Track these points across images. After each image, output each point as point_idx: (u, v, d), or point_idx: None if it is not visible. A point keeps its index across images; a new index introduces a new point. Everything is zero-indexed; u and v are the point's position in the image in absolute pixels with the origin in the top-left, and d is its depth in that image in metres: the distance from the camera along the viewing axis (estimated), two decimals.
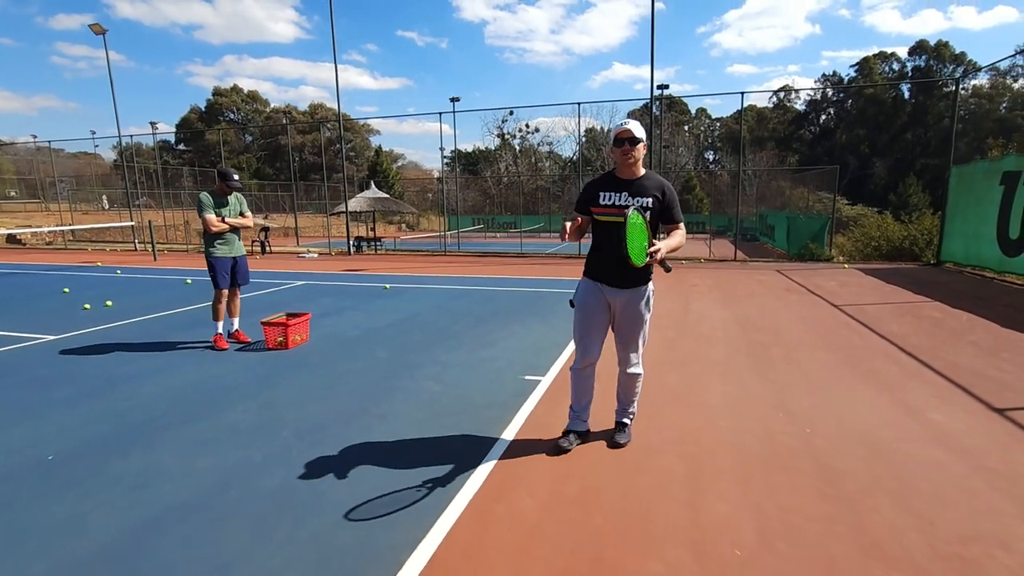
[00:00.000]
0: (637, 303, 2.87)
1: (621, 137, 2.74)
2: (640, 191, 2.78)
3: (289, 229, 25.24)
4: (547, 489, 2.66)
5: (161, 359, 4.88)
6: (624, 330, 2.94)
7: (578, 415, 3.14)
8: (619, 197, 2.78)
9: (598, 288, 2.90)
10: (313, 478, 2.77)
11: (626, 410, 3.18)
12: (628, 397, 3.14)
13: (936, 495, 2.54)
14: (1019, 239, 8.26)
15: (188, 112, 57.90)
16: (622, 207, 2.73)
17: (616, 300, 2.88)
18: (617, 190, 2.79)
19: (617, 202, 2.77)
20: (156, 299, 7.98)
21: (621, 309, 2.89)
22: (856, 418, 3.43)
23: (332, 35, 15.09)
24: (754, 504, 2.50)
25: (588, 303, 2.94)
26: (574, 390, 3.12)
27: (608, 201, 2.79)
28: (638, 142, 2.73)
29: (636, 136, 2.72)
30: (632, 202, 2.73)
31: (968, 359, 4.64)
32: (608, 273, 2.86)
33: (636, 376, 3.06)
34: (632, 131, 2.72)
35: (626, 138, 2.73)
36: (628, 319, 2.90)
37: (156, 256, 14.76)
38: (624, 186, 2.80)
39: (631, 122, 2.77)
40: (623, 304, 2.87)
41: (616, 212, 2.75)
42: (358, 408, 3.69)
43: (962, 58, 50.84)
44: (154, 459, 2.98)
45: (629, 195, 2.76)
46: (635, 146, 2.73)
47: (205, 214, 5.08)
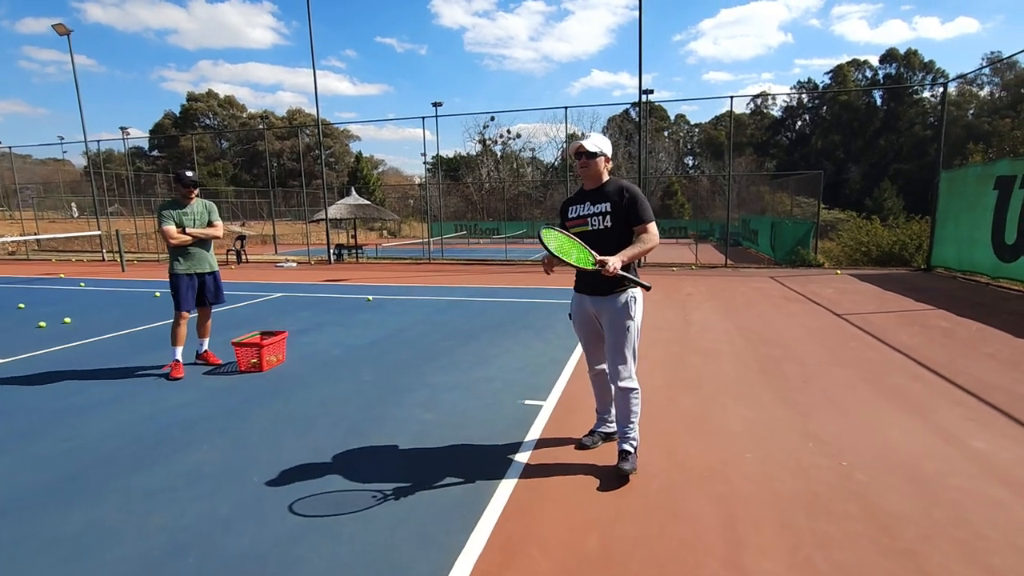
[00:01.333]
0: (615, 310, 2.81)
1: (579, 152, 2.84)
2: (600, 197, 2.84)
3: (267, 237, 24.52)
4: (563, 546, 2.28)
5: (117, 387, 4.38)
6: (608, 339, 2.87)
7: (602, 417, 3.22)
8: (582, 207, 2.88)
9: (582, 299, 2.96)
10: (288, 537, 2.34)
11: (626, 435, 2.89)
12: (625, 417, 2.88)
13: (1011, 546, 2.22)
14: (1015, 244, 8.15)
15: (162, 118, 56.55)
16: (584, 216, 2.85)
17: (597, 309, 2.89)
18: (581, 201, 2.91)
19: (580, 212, 2.88)
20: (120, 315, 7.42)
21: (602, 318, 2.88)
22: (893, 447, 3.12)
23: (311, 40, 14.56)
24: (804, 561, 2.15)
25: (578, 315, 3.02)
26: (595, 393, 3.22)
27: (575, 214, 2.92)
28: (593, 156, 2.81)
29: (589, 151, 2.80)
30: (592, 209, 2.82)
31: (991, 374, 4.39)
32: (585, 282, 2.91)
33: (628, 392, 2.84)
34: (586, 145, 2.80)
35: (582, 152, 2.82)
36: (609, 328, 2.85)
37: (124, 267, 14.04)
38: (587, 197, 2.90)
39: (588, 137, 2.86)
40: (603, 312, 2.86)
41: (581, 222, 2.86)
42: (341, 444, 3.27)
43: (931, 66, 52.21)
44: (99, 516, 2.53)
45: (590, 203, 2.85)
46: (592, 159, 2.81)
47: (164, 226, 4.55)
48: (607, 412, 3.19)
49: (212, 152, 53.66)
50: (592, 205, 2.84)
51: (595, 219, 2.81)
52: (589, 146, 2.81)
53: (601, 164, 2.84)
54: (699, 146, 58.96)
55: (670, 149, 50.36)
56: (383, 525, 2.43)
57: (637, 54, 12.27)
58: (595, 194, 2.87)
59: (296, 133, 44.86)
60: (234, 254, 16.09)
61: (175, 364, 4.63)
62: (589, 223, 2.83)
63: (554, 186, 38.70)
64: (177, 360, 4.65)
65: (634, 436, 2.90)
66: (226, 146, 56.18)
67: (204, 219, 4.78)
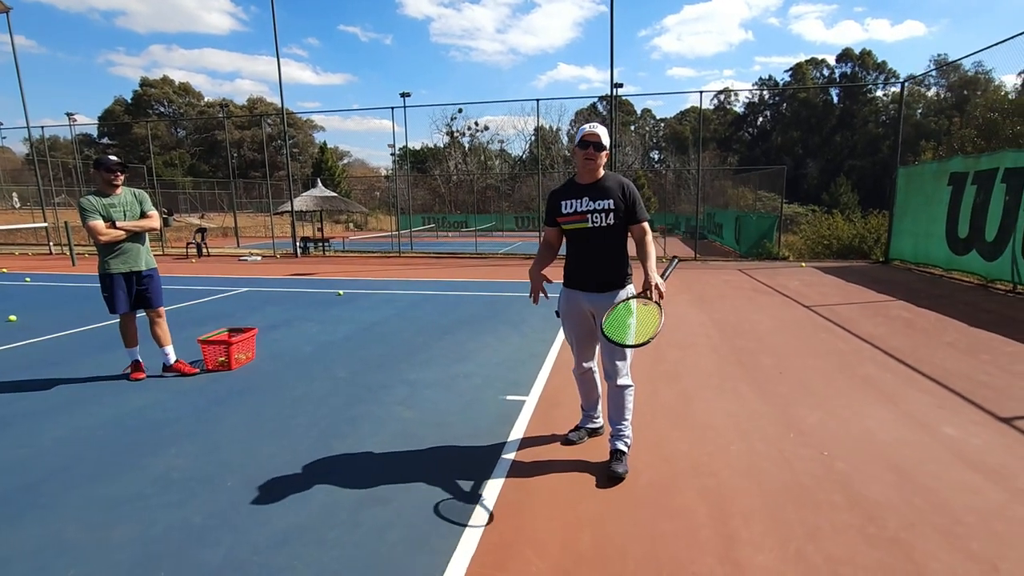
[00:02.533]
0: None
1: (587, 140, 2.66)
2: (600, 193, 2.71)
3: (228, 229, 23.67)
4: (557, 545, 2.23)
5: (73, 389, 4.12)
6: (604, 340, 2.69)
7: (588, 414, 3.17)
8: (580, 203, 2.72)
9: (576, 296, 2.83)
10: (268, 546, 2.22)
11: (620, 433, 2.85)
12: (619, 415, 2.83)
13: (987, 531, 2.29)
14: (967, 238, 8.53)
15: (112, 104, 53.81)
16: (584, 212, 2.71)
17: (594, 307, 2.78)
18: (578, 196, 2.74)
19: (579, 208, 2.72)
20: (72, 312, 7.00)
21: (599, 315, 2.70)
22: (870, 436, 3.20)
23: (274, 26, 14.00)
24: (797, 553, 2.16)
25: (569, 313, 2.89)
26: (580, 390, 3.13)
27: (570, 209, 2.74)
28: (603, 149, 2.68)
29: (602, 143, 2.66)
30: (593, 205, 2.68)
31: (953, 363, 4.56)
32: (581, 279, 2.81)
33: (624, 388, 2.79)
34: (600, 136, 2.65)
35: (592, 142, 2.66)
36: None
37: (75, 260, 13.30)
38: (584, 191, 2.73)
39: (599, 128, 2.68)
40: (600, 310, 2.70)
41: (579, 219, 2.72)
42: (319, 444, 3.14)
43: (883, 67, 54.31)
44: (55, 531, 2.34)
45: (590, 199, 2.70)
46: (599, 152, 2.68)
47: (89, 221, 3.96)
48: (593, 410, 3.15)
49: (168, 141, 51.41)
50: (592, 201, 2.70)
51: (597, 216, 2.69)
52: (604, 137, 2.66)
53: (603, 159, 2.73)
54: (664, 140, 59.89)
55: (636, 143, 50.98)
56: (370, 529, 2.33)
57: (603, 48, 12.34)
58: (594, 189, 2.72)
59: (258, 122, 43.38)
60: (194, 247, 15.47)
61: (134, 365, 4.36)
62: (589, 220, 2.69)
63: (522, 179, 38.66)
64: (136, 361, 4.37)
65: (628, 434, 2.86)
66: (183, 135, 53.93)
67: (135, 210, 4.19)
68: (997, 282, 8.11)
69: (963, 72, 41.14)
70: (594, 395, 3.11)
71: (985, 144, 17.37)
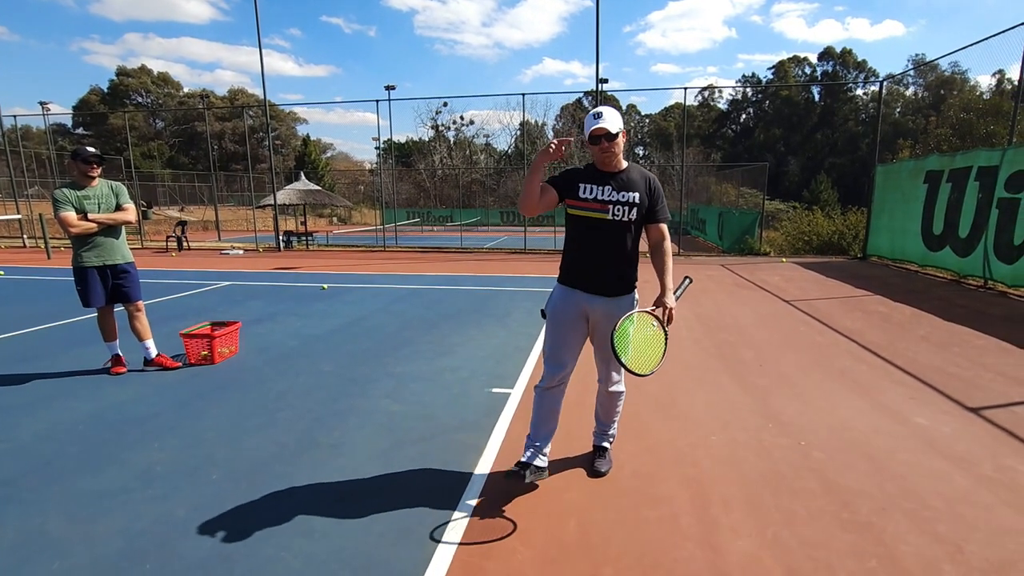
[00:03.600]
0: (620, 314, 2.41)
1: (596, 135, 2.35)
2: (626, 185, 2.43)
3: (208, 223, 23.32)
4: (542, 534, 2.27)
5: (51, 384, 4.05)
6: (604, 344, 2.49)
7: (539, 448, 2.59)
8: (602, 191, 2.41)
9: (574, 296, 2.51)
10: (255, 537, 2.23)
11: (606, 432, 2.83)
12: (609, 417, 2.79)
13: (953, 515, 2.38)
14: (942, 235, 8.76)
15: (88, 93, 52.50)
16: (605, 202, 2.40)
17: (595, 310, 2.50)
18: (600, 183, 2.42)
19: (600, 196, 2.41)
20: (47, 306, 6.86)
21: (601, 320, 2.49)
22: (846, 426, 3.29)
23: (256, 15, 13.77)
24: (774, 538, 2.23)
25: (562, 313, 2.54)
26: (537, 414, 2.62)
27: (589, 195, 2.42)
28: (615, 137, 2.36)
29: (612, 132, 2.34)
30: (617, 196, 2.40)
31: (926, 355, 4.70)
32: (586, 278, 2.49)
33: (618, 395, 2.71)
34: (607, 128, 2.33)
35: (601, 135, 2.35)
36: (608, 331, 2.42)
37: (50, 253, 13.01)
38: (607, 179, 2.44)
39: (604, 115, 2.35)
40: (603, 314, 2.48)
41: (598, 207, 2.41)
42: (305, 438, 3.14)
43: (863, 65, 55.23)
44: (37, 525, 2.33)
45: (614, 189, 2.42)
46: (613, 141, 2.37)
47: (61, 212, 3.89)
48: (546, 442, 2.64)
49: (146, 132, 50.33)
50: (616, 191, 2.41)
51: (619, 209, 2.40)
52: (611, 126, 2.33)
53: (622, 144, 2.42)
54: (649, 136, 60.26)
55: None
56: (357, 520, 2.35)
57: (588, 43, 12.35)
58: (619, 179, 2.44)
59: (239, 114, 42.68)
60: (175, 241, 15.22)
61: (114, 359, 4.31)
62: (611, 211, 2.40)
63: (507, 174, 38.62)
64: (117, 355, 4.32)
65: (614, 432, 2.86)
66: (162, 126, 52.84)
67: (111, 203, 4.10)
68: (969, 278, 8.35)
69: (940, 72, 42.04)
70: (553, 422, 2.64)
71: (960, 143, 17.80)
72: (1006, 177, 7.41)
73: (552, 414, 2.63)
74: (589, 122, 2.36)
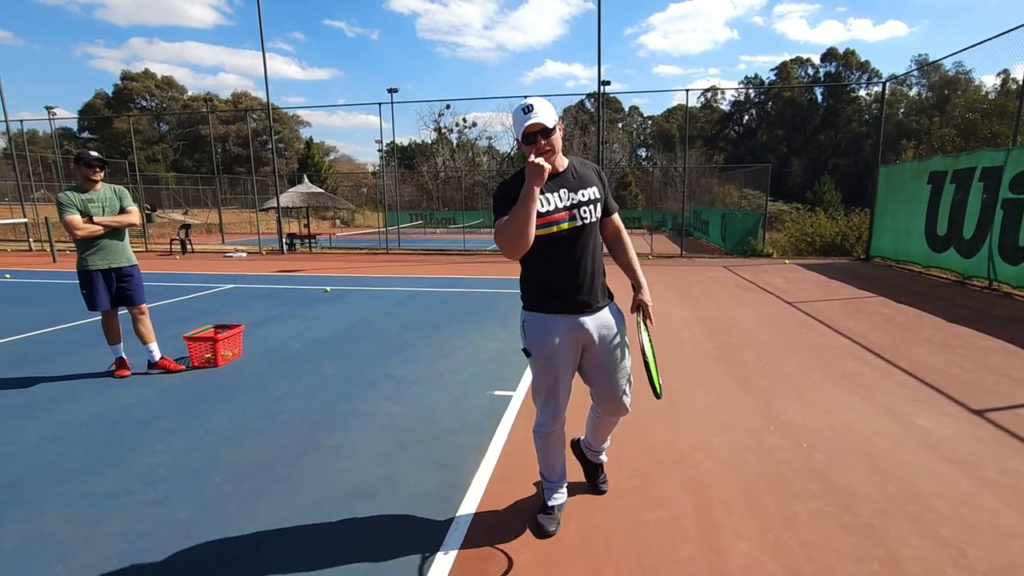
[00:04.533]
0: (615, 322, 2.23)
1: (530, 133, 1.96)
2: (580, 181, 2.13)
3: (212, 226, 23.42)
4: None
5: (56, 386, 4.08)
6: (609, 362, 2.21)
7: (556, 486, 2.40)
8: (559, 196, 2.07)
9: (562, 322, 2.15)
10: (256, 539, 2.24)
11: (604, 447, 2.58)
12: (602, 440, 2.54)
13: (956, 517, 2.38)
14: (946, 235, 8.72)
15: (93, 97, 52.84)
16: (570, 208, 2.08)
17: (587, 329, 2.15)
18: (552, 189, 2.07)
19: (559, 204, 2.07)
20: (52, 309, 6.90)
21: (597, 338, 2.17)
22: (847, 428, 3.28)
23: (259, 19, 13.86)
24: (775, 541, 2.23)
25: (554, 347, 2.14)
26: (545, 458, 2.35)
27: (548, 207, 2.05)
28: (552, 132, 1.98)
29: (548, 126, 1.97)
30: (577, 197, 2.09)
31: (929, 357, 4.68)
32: (567, 299, 2.14)
33: (627, 411, 2.36)
34: (542, 122, 1.95)
35: (536, 131, 1.96)
36: (610, 347, 2.20)
37: (55, 257, 13.09)
38: (558, 183, 2.10)
39: (536, 108, 1.97)
40: (597, 330, 2.17)
41: (564, 216, 2.08)
42: (307, 440, 3.15)
43: (867, 66, 55.11)
44: (40, 527, 2.34)
45: (569, 190, 2.09)
46: (549, 137, 1.99)
47: (66, 216, 3.94)
48: (563, 480, 2.43)
49: (150, 135, 50.60)
50: (573, 193, 2.10)
51: (584, 210, 2.11)
52: (546, 120, 1.96)
53: (559, 138, 2.05)
54: (652, 138, 60.26)
55: (624, 140, 51.18)
56: (358, 523, 2.36)
57: (590, 45, 12.37)
58: (567, 178, 2.13)
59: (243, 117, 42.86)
60: (179, 243, 15.29)
61: (118, 362, 4.33)
62: (577, 216, 2.10)
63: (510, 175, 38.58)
64: (121, 358, 4.34)
65: (608, 444, 2.61)
66: (166, 129, 53.12)
67: (114, 206, 4.16)
68: (973, 279, 8.31)
69: (944, 72, 41.91)
70: (561, 459, 2.40)
71: (964, 143, 17.73)
72: (1011, 177, 7.38)
73: (561, 450, 2.37)
74: (519, 118, 1.98)
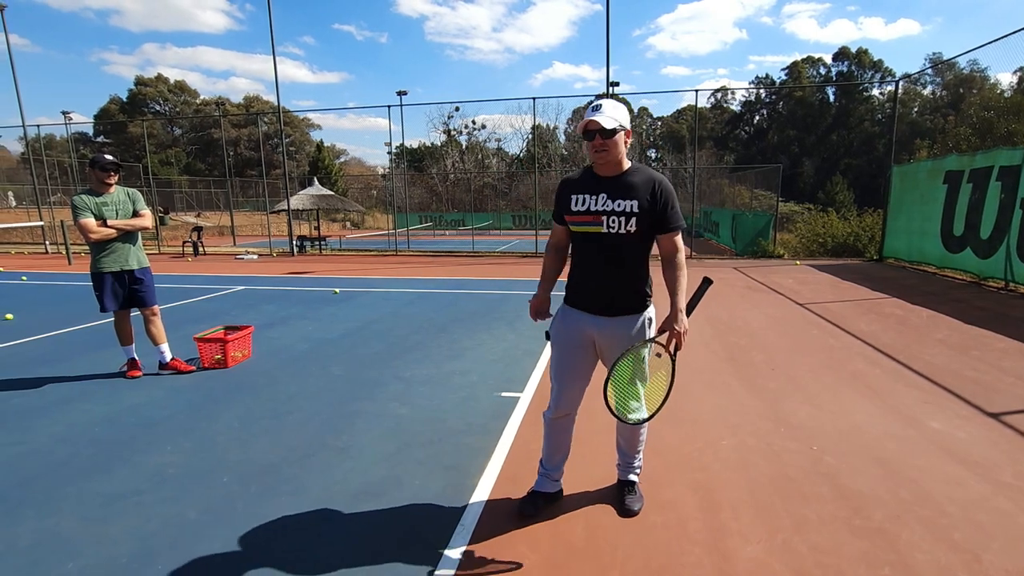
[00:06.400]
0: (629, 336, 2.19)
1: (590, 129, 2.06)
2: (623, 191, 2.11)
3: (224, 228, 23.66)
4: (549, 537, 2.27)
5: (68, 387, 4.13)
6: None
7: (549, 474, 2.49)
8: (595, 200, 2.13)
9: (577, 317, 2.25)
10: (264, 539, 2.25)
11: (631, 464, 2.52)
12: (633, 448, 2.49)
13: (970, 522, 2.33)
14: (963, 236, 8.59)
15: (108, 103, 53.65)
16: (598, 213, 2.12)
17: (600, 333, 2.22)
18: (594, 191, 2.14)
19: (592, 207, 2.13)
20: (68, 310, 7.01)
21: (607, 344, 2.22)
22: (858, 430, 3.24)
23: (270, 23, 14.04)
24: (783, 544, 2.20)
25: (566, 338, 2.28)
26: (547, 442, 2.46)
27: (582, 207, 2.14)
28: (611, 134, 2.05)
29: (606, 128, 2.03)
30: (612, 205, 2.10)
31: (943, 359, 4.61)
32: (587, 297, 2.22)
33: (638, 423, 2.29)
34: (600, 123, 2.02)
35: (594, 130, 2.05)
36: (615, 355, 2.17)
37: (71, 259, 13.29)
38: (603, 186, 2.14)
39: (604, 107, 2.06)
40: (610, 338, 2.20)
41: (591, 220, 2.13)
42: (314, 441, 3.17)
43: (879, 65, 54.48)
44: (52, 525, 2.37)
45: (608, 197, 2.12)
46: (608, 139, 2.06)
47: (80, 219, 3.98)
48: (557, 469, 2.51)
49: (164, 139, 51.25)
50: (611, 200, 2.11)
51: (614, 220, 2.10)
52: (605, 121, 2.03)
53: (622, 143, 2.11)
54: (661, 139, 60.00)
55: (633, 142, 50.98)
56: (365, 523, 2.36)
57: (597, 47, 12.35)
58: (615, 185, 2.13)
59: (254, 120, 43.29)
60: (191, 246, 15.46)
61: (130, 363, 4.38)
62: (605, 223, 2.11)
63: (519, 177, 38.66)
64: (133, 359, 4.39)
65: (640, 465, 2.56)
66: (179, 133, 53.80)
67: (127, 209, 4.20)
68: (990, 280, 8.17)
69: (958, 70, 41.30)
70: (564, 449, 2.48)
71: (980, 142, 17.46)
72: None
73: (563, 443, 2.46)
74: (587, 114, 2.07)
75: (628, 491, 2.50)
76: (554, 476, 2.51)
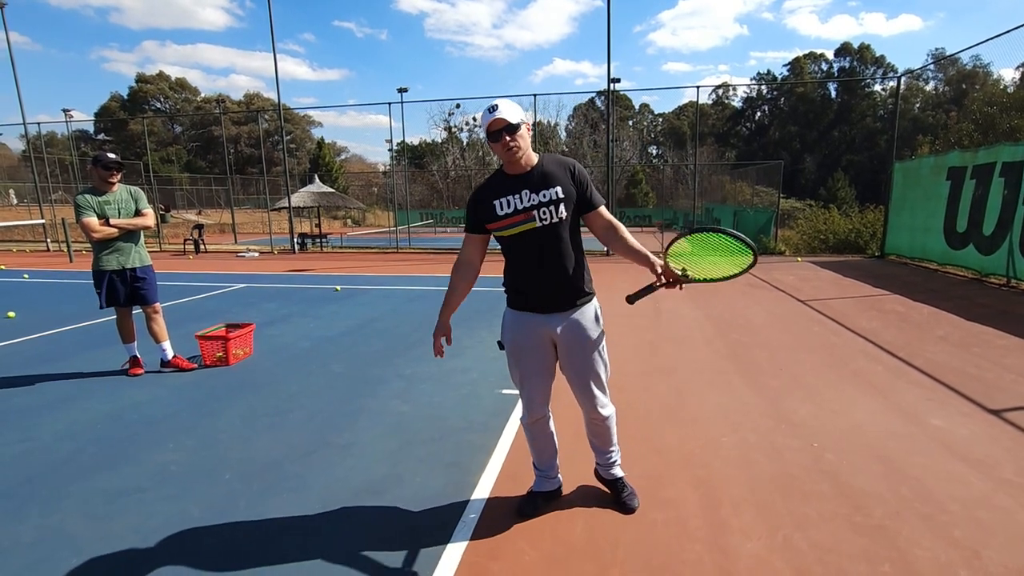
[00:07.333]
0: (584, 326, 2.21)
1: (493, 130, 2.04)
2: (542, 181, 2.11)
3: (225, 226, 23.67)
4: (550, 535, 2.27)
5: (71, 385, 4.15)
6: (577, 365, 2.24)
7: (544, 474, 2.50)
8: (520, 199, 2.10)
9: (529, 320, 2.22)
10: (266, 536, 2.26)
11: (610, 460, 2.48)
12: (606, 444, 2.46)
13: (970, 519, 2.33)
14: (966, 232, 8.57)
15: (109, 100, 53.65)
16: (528, 210, 2.09)
17: (556, 330, 2.19)
18: (515, 191, 2.11)
19: (519, 206, 2.10)
20: (69, 308, 7.02)
21: (566, 340, 2.20)
22: (859, 428, 3.24)
23: (270, 20, 14.01)
24: (784, 541, 2.20)
25: (522, 340, 2.24)
26: (532, 446, 2.47)
27: (507, 209, 2.11)
28: (517, 128, 2.05)
29: (512, 123, 2.03)
30: (537, 198, 2.09)
31: (944, 355, 4.60)
32: (539, 298, 2.19)
33: (608, 418, 2.37)
34: (505, 119, 2.02)
35: (499, 129, 2.03)
36: (579, 350, 2.21)
37: (72, 257, 13.31)
38: (521, 183, 2.11)
39: (500, 106, 2.04)
40: (566, 332, 2.20)
41: (522, 218, 2.10)
42: (316, 438, 3.18)
43: (881, 61, 54.27)
44: (56, 522, 2.38)
45: (531, 191, 2.10)
46: (515, 133, 2.05)
47: (83, 217, 3.99)
48: (551, 468, 2.51)
49: (164, 137, 51.28)
50: (534, 193, 2.09)
51: (544, 211, 2.09)
52: (509, 116, 2.03)
53: (528, 136, 2.11)
54: (662, 135, 59.89)
55: (634, 138, 50.90)
56: (367, 520, 2.37)
57: (598, 43, 12.35)
58: (532, 178, 2.11)
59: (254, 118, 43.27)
60: (192, 244, 15.47)
61: (132, 361, 4.39)
62: (536, 217, 2.09)
63: None
64: (134, 356, 4.40)
65: (618, 457, 2.52)
66: (179, 131, 53.80)
67: (130, 208, 4.21)
68: (992, 276, 8.15)
69: (961, 66, 41.11)
70: (551, 448, 2.48)
71: (982, 138, 17.40)
72: None
73: (548, 444, 2.46)
74: (484, 118, 2.06)
75: (622, 488, 2.50)
76: (550, 475, 2.52)
